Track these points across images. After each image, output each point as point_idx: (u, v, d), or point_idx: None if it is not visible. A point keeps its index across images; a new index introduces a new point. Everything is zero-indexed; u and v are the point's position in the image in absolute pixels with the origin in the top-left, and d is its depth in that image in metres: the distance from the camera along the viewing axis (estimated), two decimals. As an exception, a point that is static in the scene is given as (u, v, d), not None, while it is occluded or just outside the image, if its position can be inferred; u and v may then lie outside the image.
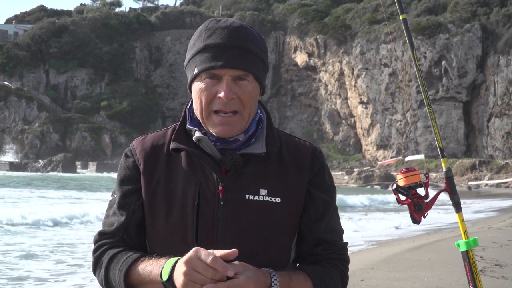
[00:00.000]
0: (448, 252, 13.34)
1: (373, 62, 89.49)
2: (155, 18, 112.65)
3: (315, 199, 2.88)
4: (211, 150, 2.76)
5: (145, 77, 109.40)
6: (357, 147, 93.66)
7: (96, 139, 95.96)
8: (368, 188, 62.90)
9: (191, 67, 2.77)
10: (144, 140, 2.91)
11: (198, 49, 2.74)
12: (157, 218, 2.77)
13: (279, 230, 2.77)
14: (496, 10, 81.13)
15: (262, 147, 2.79)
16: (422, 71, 4.21)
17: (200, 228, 2.71)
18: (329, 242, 2.92)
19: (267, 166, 2.82)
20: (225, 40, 2.69)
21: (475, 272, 3.82)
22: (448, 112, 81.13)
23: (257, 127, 2.86)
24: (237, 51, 2.69)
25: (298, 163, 2.87)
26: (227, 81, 2.69)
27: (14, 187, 45.77)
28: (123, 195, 2.85)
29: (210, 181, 2.74)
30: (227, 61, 2.67)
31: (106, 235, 2.87)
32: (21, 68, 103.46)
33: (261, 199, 2.75)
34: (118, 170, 2.94)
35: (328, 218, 2.93)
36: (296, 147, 2.92)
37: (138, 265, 2.69)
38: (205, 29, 2.76)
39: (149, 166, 2.83)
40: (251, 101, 2.74)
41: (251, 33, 2.77)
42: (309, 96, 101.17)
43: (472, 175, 70.17)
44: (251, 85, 2.73)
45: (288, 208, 2.79)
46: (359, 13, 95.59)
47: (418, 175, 3.75)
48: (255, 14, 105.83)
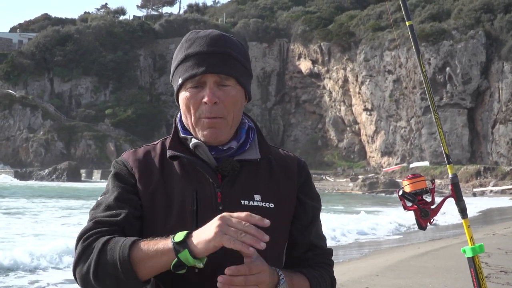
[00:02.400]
0: (453, 258, 13.34)
1: (377, 69, 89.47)
2: (159, 26, 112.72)
3: (305, 206, 2.96)
4: (207, 156, 2.79)
5: (149, 85, 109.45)
6: (362, 154, 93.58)
7: (100, 147, 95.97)
8: (373, 196, 62.72)
9: (176, 79, 2.83)
10: (135, 152, 2.91)
11: (180, 60, 2.80)
12: (155, 224, 2.76)
13: (274, 235, 2.73)
14: (500, 17, 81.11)
15: (256, 154, 2.85)
16: (427, 78, 4.22)
17: None
18: (319, 247, 3.00)
19: (260, 173, 2.87)
20: (204, 48, 2.75)
21: (481, 278, 3.83)
22: (452, 119, 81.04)
23: (248, 135, 2.90)
24: (218, 56, 2.74)
25: (286, 172, 2.94)
26: (210, 86, 2.73)
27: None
28: (122, 191, 2.77)
29: (206, 187, 2.76)
30: (208, 67, 2.72)
31: (103, 224, 2.67)
32: (25, 77, 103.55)
33: (256, 204, 2.78)
34: (109, 178, 2.86)
35: (317, 224, 3.03)
36: (282, 157, 3.00)
37: (140, 242, 2.56)
38: (186, 40, 2.83)
39: (144, 174, 2.81)
40: (235, 105, 2.78)
41: (231, 40, 2.83)
42: (313, 103, 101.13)
43: (477, 182, 70.05)
44: (234, 90, 2.77)
45: (281, 214, 2.84)
46: (363, 20, 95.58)
47: (424, 181, 3.76)
48: (259, 21, 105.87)
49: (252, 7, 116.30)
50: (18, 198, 43.62)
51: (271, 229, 2.75)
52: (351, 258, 15.81)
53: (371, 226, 27.01)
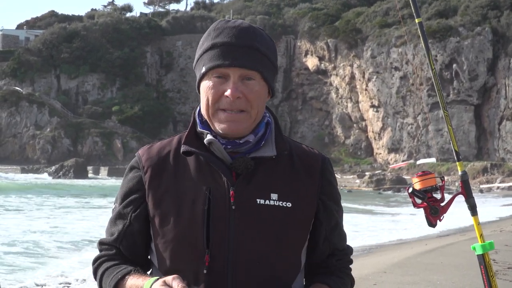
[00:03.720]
0: (460, 255, 13.33)
1: (384, 66, 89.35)
2: (166, 23, 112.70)
3: (329, 209, 2.90)
4: (221, 154, 2.75)
5: (156, 81, 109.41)
6: (369, 151, 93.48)
7: (107, 144, 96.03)
8: (380, 193, 62.68)
9: (199, 66, 2.78)
10: (150, 148, 2.91)
11: (206, 48, 2.75)
12: (166, 225, 2.76)
13: (290, 235, 2.76)
14: (506, 13, 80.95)
15: (272, 150, 2.79)
16: (437, 75, 4.22)
17: (211, 233, 2.69)
18: (342, 251, 2.97)
19: (277, 170, 2.81)
20: (232, 39, 2.70)
21: (491, 275, 3.82)
22: (459, 115, 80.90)
23: (266, 130, 2.85)
24: (245, 50, 2.69)
25: (308, 169, 2.87)
26: (234, 80, 2.69)
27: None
28: (123, 206, 2.88)
29: (220, 185, 2.73)
30: (234, 60, 2.67)
31: (104, 245, 2.92)
32: (32, 74, 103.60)
33: (272, 203, 2.73)
34: (122, 180, 2.95)
35: (339, 227, 2.98)
36: (305, 153, 2.92)
37: (125, 282, 2.75)
38: (214, 28, 2.77)
39: (156, 173, 2.82)
40: (258, 100, 2.74)
41: (260, 34, 2.77)
42: (320, 100, 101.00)
43: (484, 178, 69.91)
44: (258, 85, 2.73)
45: (298, 213, 2.78)
46: (370, 16, 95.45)
47: (434, 178, 3.75)
48: (265, 18, 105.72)
49: (259, 3, 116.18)
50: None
51: (285, 229, 2.74)
52: (358, 255, 15.82)
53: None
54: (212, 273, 2.67)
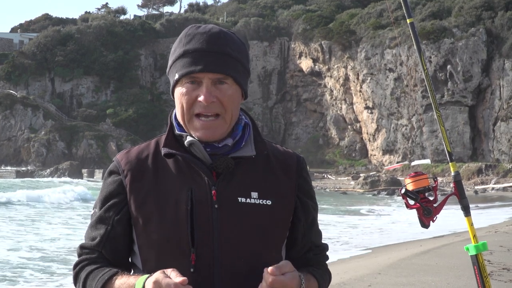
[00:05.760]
0: (455, 256, 13.35)
1: (378, 67, 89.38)
2: (160, 26, 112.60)
3: (306, 206, 2.97)
4: (202, 154, 2.80)
5: (150, 84, 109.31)
6: (363, 152, 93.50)
7: (102, 146, 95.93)
8: (374, 195, 62.71)
9: (173, 73, 2.82)
10: (128, 153, 2.95)
11: (178, 55, 2.79)
12: (149, 227, 2.79)
13: (271, 232, 2.82)
14: (500, 14, 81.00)
15: (252, 150, 2.84)
16: (429, 76, 4.22)
17: (196, 232, 2.73)
18: (319, 246, 3.04)
19: (257, 170, 2.87)
20: (203, 45, 2.75)
21: (484, 276, 3.82)
22: (453, 116, 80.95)
23: (244, 132, 2.90)
24: (216, 55, 2.74)
25: (285, 168, 2.93)
26: (206, 84, 2.74)
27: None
28: (104, 210, 2.89)
29: (201, 185, 2.77)
30: (206, 66, 2.72)
31: (85, 250, 2.92)
32: (26, 77, 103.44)
33: (253, 202, 2.79)
34: (101, 186, 2.97)
35: (316, 223, 3.05)
36: (281, 153, 2.99)
37: (112, 283, 2.75)
38: (185, 35, 2.82)
39: (136, 176, 2.85)
40: (232, 104, 2.78)
41: (231, 38, 2.82)
42: (314, 101, 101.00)
43: (479, 179, 69.96)
44: (231, 89, 2.78)
45: (278, 210, 2.84)
46: (364, 18, 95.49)
47: (427, 179, 3.76)
48: (259, 20, 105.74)
49: (253, 6, 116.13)
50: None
51: (266, 227, 2.81)
52: (353, 256, 15.83)
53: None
54: (199, 272, 2.71)
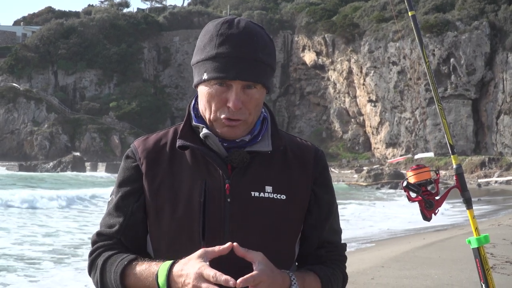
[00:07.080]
0: (458, 249, 13.34)
1: (381, 60, 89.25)
2: (163, 19, 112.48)
3: (320, 200, 2.93)
4: (217, 147, 2.79)
5: (153, 77, 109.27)
6: (366, 146, 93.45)
7: (105, 140, 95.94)
8: (378, 188, 62.67)
9: (200, 70, 2.78)
10: (146, 140, 2.95)
11: (209, 56, 2.74)
12: (162, 216, 2.79)
13: (285, 227, 2.80)
14: (504, 7, 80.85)
15: (268, 145, 2.83)
16: (430, 68, 4.21)
17: (207, 225, 2.73)
18: (332, 244, 2.98)
19: (272, 164, 2.85)
20: (237, 51, 2.70)
21: (486, 269, 3.82)
22: (457, 110, 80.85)
23: (262, 126, 2.89)
24: (248, 62, 2.70)
25: (302, 162, 2.91)
26: (236, 91, 2.71)
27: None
28: (122, 196, 2.88)
29: (215, 178, 2.76)
30: (238, 74, 2.68)
31: (103, 237, 2.89)
32: (29, 70, 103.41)
33: (267, 196, 2.78)
34: (118, 171, 2.97)
35: (331, 219, 2.99)
36: (298, 146, 2.96)
37: (133, 267, 2.73)
38: (217, 34, 2.74)
39: (152, 164, 2.85)
40: (256, 107, 2.78)
41: (261, 38, 2.77)
42: (317, 95, 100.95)
43: (482, 173, 69.91)
44: (258, 93, 2.76)
45: (293, 205, 2.82)
46: (367, 11, 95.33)
47: (429, 172, 3.75)
48: (263, 13, 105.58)
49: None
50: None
51: (279, 221, 2.79)
52: (356, 249, 15.83)
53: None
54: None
